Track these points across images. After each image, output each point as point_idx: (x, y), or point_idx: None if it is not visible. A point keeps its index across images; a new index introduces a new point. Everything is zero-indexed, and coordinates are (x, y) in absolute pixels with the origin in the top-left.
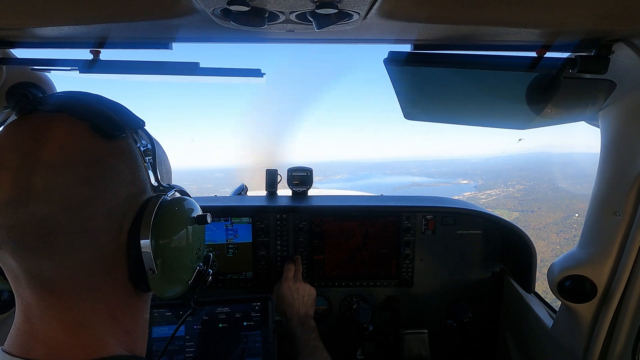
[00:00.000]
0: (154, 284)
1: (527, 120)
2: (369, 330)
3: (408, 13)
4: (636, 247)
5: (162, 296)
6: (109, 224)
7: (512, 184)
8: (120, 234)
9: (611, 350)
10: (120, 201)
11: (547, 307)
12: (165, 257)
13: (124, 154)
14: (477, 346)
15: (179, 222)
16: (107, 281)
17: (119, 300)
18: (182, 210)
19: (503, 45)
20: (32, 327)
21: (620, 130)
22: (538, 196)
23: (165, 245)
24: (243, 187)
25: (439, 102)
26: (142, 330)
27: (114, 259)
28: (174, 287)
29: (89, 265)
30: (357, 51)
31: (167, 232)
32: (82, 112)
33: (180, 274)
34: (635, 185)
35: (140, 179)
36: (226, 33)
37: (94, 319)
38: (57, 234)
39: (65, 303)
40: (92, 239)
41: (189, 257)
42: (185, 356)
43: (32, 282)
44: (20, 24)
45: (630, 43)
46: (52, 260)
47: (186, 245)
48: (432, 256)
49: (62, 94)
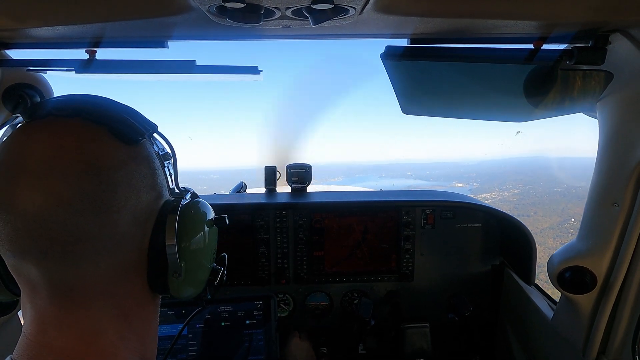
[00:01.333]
0: (174, 287)
1: (524, 112)
2: (371, 324)
3: (404, 7)
4: (635, 237)
5: (179, 297)
6: (134, 229)
7: (507, 188)
8: (143, 239)
9: (611, 340)
10: (144, 206)
11: (547, 298)
12: (188, 260)
13: (144, 159)
14: (478, 339)
15: (200, 225)
16: (126, 287)
17: (135, 305)
18: (201, 212)
19: (500, 37)
20: (46, 337)
21: (618, 121)
22: (534, 200)
23: (188, 247)
24: (242, 185)
25: (437, 96)
26: (154, 334)
27: (136, 264)
28: (194, 288)
29: (112, 271)
30: (349, 50)
31: (190, 234)
32: (100, 118)
33: (201, 275)
34: (633, 176)
35: (160, 183)
36: (222, 30)
37: (110, 326)
38: (85, 242)
39: (85, 312)
40: (118, 246)
41: (209, 258)
42: (188, 355)
43: (53, 291)
44: (15, 25)
45: (627, 34)
46: (78, 269)
47: (206, 246)
48: (432, 250)
49: (75, 98)
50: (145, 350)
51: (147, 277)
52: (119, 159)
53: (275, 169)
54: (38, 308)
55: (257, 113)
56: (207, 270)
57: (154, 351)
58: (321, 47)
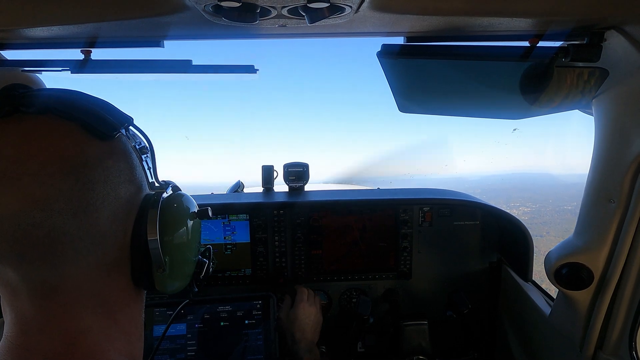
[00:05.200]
0: (159, 281)
1: (520, 110)
2: (370, 322)
3: (400, 5)
4: (631, 233)
5: (165, 292)
6: (115, 226)
7: (516, 206)
8: (124, 235)
9: (608, 335)
10: (123, 202)
11: (544, 295)
12: (172, 254)
13: (121, 154)
14: (476, 336)
15: (182, 218)
16: (110, 285)
17: (120, 303)
18: (183, 206)
19: (495, 35)
20: (28, 339)
21: (613, 117)
22: (545, 219)
23: (172, 241)
24: (239, 184)
25: (433, 94)
26: (139, 331)
27: (118, 261)
28: (179, 282)
29: (95, 270)
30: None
31: (173, 228)
32: (71, 113)
33: (187, 268)
34: (629, 172)
35: (138, 178)
36: (218, 29)
37: (94, 326)
38: (64, 243)
39: (68, 312)
40: (98, 244)
41: (193, 251)
42: (186, 354)
43: (33, 293)
44: (9, 25)
45: (622, 30)
46: (59, 270)
47: (190, 240)
48: (430, 248)
49: (44, 92)
50: (132, 349)
51: (130, 274)
52: (94, 155)
53: (273, 168)
54: (19, 310)
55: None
56: (192, 263)
57: (141, 349)
58: (315, 48)
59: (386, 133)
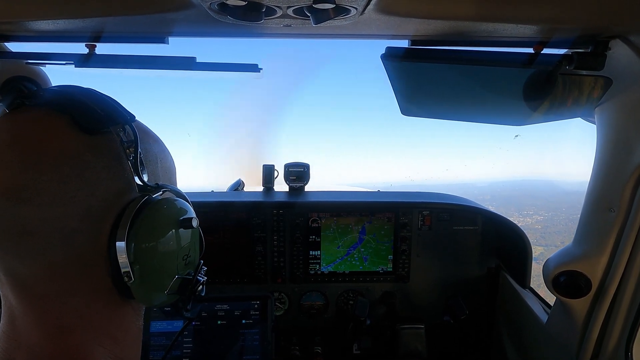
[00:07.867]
0: (135, 291)
1: (523, 116)
2: (367, 324)
3: (405, 8)
4: (631, 242)
5: (147, 305)
6: (87, 224)
7: (529, 214)
8: (99, 236)
9: (604, 345)
10: (99, 201)
11: (542, 302)
12: (144, 263)
13: (106, 150)
14: (473, 341)
15: (161, 225)
16: (89, 286)
17: (105, 307)
18: (166, 211)
19: (500, 41)
20: (14, 329)
21: (615, 127)
22: (559, 229)
23: (145, 249)
24: (240, 183)
25: (436, 98)
26: (133, 338)
27: (93, 262)
28: (157, 295)
29: (66, 267)
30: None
31: (147, 235)
32: (65, 106)
33: (162, 281)
34: (630, 182)
35: (124, 178)
36: (223, 28)
37: (78, 325)
38: (31, 234)
39: (44, 306)
40: (68, 240)
41: (173, 263)
42: (182, 352)
43: (11, 281)
44: (15, 17)
45: (627, 40)
46: (26, 260)
47: (169, 250)
48: (429, 252)
49: (53, 88)
50: (124, 354)
51: (111, 279)
52: (72, 148)
53: (274, 167)
54: (6, 298)
55: None
56: (169, 276)
57: (137, 355)
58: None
59: (387, 137)
